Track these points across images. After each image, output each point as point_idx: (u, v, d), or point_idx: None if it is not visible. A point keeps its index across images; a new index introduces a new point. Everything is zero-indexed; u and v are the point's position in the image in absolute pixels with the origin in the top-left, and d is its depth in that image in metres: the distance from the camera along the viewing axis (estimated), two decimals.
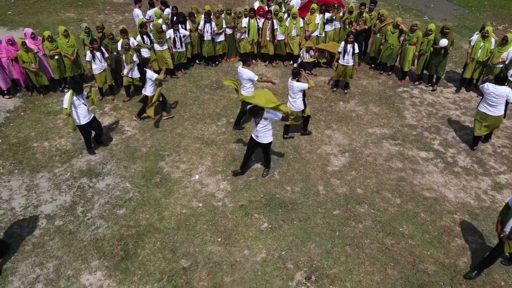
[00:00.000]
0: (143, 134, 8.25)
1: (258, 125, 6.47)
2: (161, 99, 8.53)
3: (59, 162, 7.47)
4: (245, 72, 7.63)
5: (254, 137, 6.70)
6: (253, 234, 6.00)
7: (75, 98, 6.90)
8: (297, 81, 7.27)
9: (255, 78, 7.67)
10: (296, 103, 7.42)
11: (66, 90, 9.76)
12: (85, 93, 7.13)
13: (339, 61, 9.21)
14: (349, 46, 8.91)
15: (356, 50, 9.01)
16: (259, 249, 5.78)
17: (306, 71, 10.73)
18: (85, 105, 7.07)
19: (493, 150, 7.74)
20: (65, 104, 6.84)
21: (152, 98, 8.09)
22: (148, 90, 8.14)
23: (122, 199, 6.63)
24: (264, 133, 6.55)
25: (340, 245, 5.82)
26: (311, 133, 8.16)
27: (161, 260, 5.62)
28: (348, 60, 9.04)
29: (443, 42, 8.87)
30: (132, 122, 8.64)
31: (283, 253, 5.71)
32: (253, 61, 11.24)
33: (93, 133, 7.67)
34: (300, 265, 5.54)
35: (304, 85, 7.19)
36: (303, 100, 7.45)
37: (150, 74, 7.95)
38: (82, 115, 7.11)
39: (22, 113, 8.96)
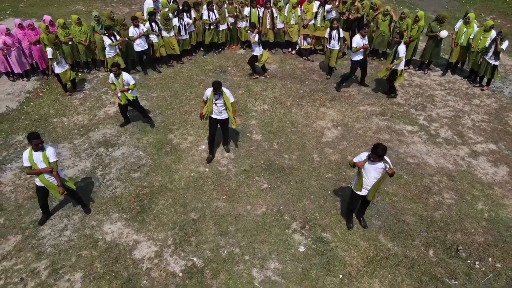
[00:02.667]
0: (153, 111, 8.99)
1: (218, 101, 6.88)
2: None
3: (77, 135, 8.22)
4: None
5: (214, 116, 7.09)
6: (254, 193, 6.75)
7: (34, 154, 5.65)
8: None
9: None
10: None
11: (80, 74, 10.53)
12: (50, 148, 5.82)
13: (327, 46, 9.96)
14: (334, 32, 9.55)
15: (341, 35, 9.66)
16: (259, 204, 6.53)
17: (303, 57, 11.49)
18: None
19: (473, 124, 8.49)
20: (26, 163, 5.63)
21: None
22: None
23: (137, 165, 7.38)
24: (222, 110, 6.99)
25: (332, 201, 6.56)
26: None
27: (173, 213, 6.37)
28: (334, 45, 9.70)
29: (444, 33, 9.56)
30: (142, 100, 9.38)
31: (281, 207, 6.46)
32: None
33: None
34: (296, 217, 6.29)
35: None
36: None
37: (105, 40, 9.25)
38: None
39: (41, 94, 9.70)
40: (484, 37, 9.26)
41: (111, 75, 7.68)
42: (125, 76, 7.75)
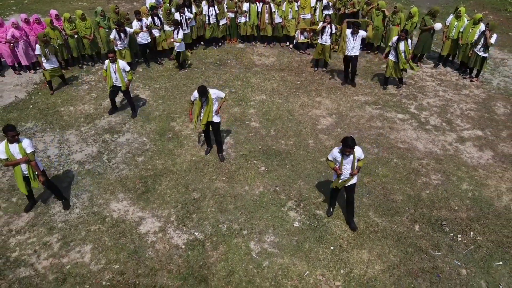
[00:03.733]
0: (156, 101, 9.39)
1: (206, 107, 6.86)
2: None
3: (84, 122, 8.61)
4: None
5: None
6: (252, 175, 7.15)
7: (11, 146, 5.71)
8: None
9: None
10: None
11: (85, 67, 10.94)
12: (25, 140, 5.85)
13: (318, 41, 10.20)
14: (326, 27, 9.81)
15: (333, 31, 9.97)
16: (257, 185, 6.92)
17: (301, 50, 11.89)
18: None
19: (461, 113, 8.89)
20: (2, 155, 5.70)
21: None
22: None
23: (141, 150, 7.78)
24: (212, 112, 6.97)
25: (325, 183, 6.96)
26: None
27: (175, 193, 6.77)
28: (326, 40, 9.98)
29: (438, 26, 9.96)
30: (145, 91, 9.79)
31: (277, 188, 6.86)
32: (253, 42, 12.38)
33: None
34: (291, 196, 6.69)
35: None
36: None
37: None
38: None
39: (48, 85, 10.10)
40: (473, 30, 9.65)
41: (107, 61, 8.15)
42: (121, 63, 8.21)
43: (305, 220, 6.23)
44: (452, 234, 5.98)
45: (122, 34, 9.84)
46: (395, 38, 9.17)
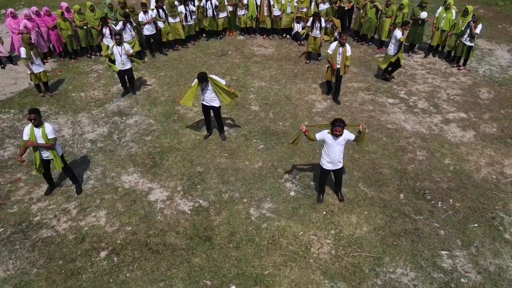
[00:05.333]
0: (161, 87, 9.99)
1: (206, 92, 7.39)
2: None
3: (94, 106, 9.21)
4: None
5: (205, 103, 7.62)
6: (252, 152, 7.74)
7: (35, 129, 6.08)
8: None
9: None
10: None
11: (93, 57, 11.53)
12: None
13: (310, 33, 10.78)
14: (316, 22, 10.47)
15: (323, 25, 10.56)
16: (256, 161, 7.52)
17: (298, 41, 12.48)
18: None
19: (448, 98, 9.49)
20: (25, 137, 6.14)
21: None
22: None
23: (148, 130, 8.37)
24: (211, 97, 7.46)
25: (319, 159, 7.52)
26: None
27: (181, 167, 7.36)
28: (316, 33, 10.64)
29: (423, 14, 10.58)
30: (151, 78, 10.39)
31: (275, 163, 7.45)
32: (252, 34, 12.97)
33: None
34: (288, 170, 7.29)
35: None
36: None
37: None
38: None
39: (59, 73, 10.70)
40: (464, 21, 10.24)
41: (112, 44, 8.79)
42: (126, 46, 8.88)
43: (300, 190, 6.83)
44: (433, 202, 6.58)
45: (128, 25, 10.43)
46: (399, 32, 9.29)
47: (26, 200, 6.63)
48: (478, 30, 9.87)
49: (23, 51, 8.77)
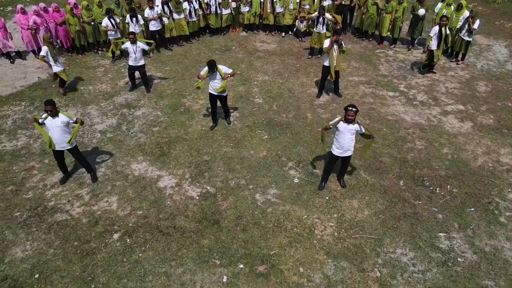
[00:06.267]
0: (167, 81, 10.25)
1: (215, 81, 7.76)
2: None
3: (103, 99, 9.47)
4: None
5: (212, 92, 7.97)
6: (257, 142, 8.01)
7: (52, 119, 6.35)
8: None
9: None
10: None
11: (100, 52, 11.80)
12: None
13: (314, 29, 10.98)
14: (321, 18, 10.58)
15: (328, 17, 10.67)
16: (261, 150, 7.78)
17: (299, 38, 12.74)
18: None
19: (446, 91, 9.75)
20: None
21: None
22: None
23: (156, 121, 8.64)
24: (219, 87, 7.77)
25: (322, 148, 7.80)
26: None
27: (188, 156, 7.63)
28: (320, 29, 10.76)
29: (421, 11, 10.87)
30: (157, 72, 10.66)
31: (279, 152, 7.72)
32: (255, 31, 13.24)
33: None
34: (291, 158, 7.55)
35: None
36: None
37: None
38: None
39: (67, 67, 10.94)
40: (457, 17, 10.51)
41: (128, 42, 9.03)
42: (139, 43, 9.09)
43: (304, 177, 7.09)
44: (431, 188, 6.84)
45: (134, 20, 10.69)
46: (436, 27, 9.74)
47: (40, 187, 6.89)
48: (476, 25, 10.14)
49: (44, 50, 8.85)
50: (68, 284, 5.26)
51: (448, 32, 9.79)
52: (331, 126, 6.35)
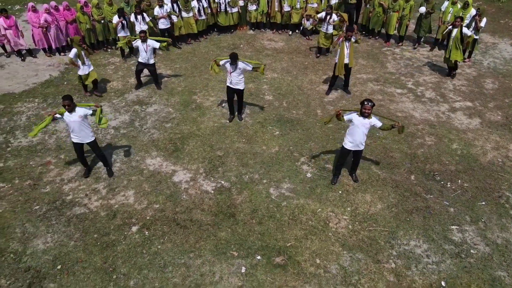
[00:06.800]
0: (177, 78, 10.36)
1: (233, 74, 7.85)
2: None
3: (115, 96, 9.59)
4: None
5: (230, 85, 8.08)
6: (269, 137, 8.12)
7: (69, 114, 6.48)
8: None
9: None
10: None
11: (109, 50, 11.91)
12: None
13: (321, 29, 10.96)
14: (328, 17, 10.59)
15: (335, 19, 10.64)
16: (273, 146, 7.90)
17: (306, 36, 12.86)
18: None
19: (454, 88, 9.87)
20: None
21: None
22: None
23: (168, 118, 8.75)
24: (237, 81, 7.97)
25: (333, 144, 7.93)
26: None
27: (202, 151, 7.74)
28: (327, 28, 10.77)
29: (421, 9, 11.02)
30: (167, 70, 10.77)
31: (291, 147, 7.83)
32: (262, 29, 13.35)
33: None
34: (303, 154, 7.67)
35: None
36: None
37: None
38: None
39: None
40: (464, 14, 10.62)
41: (138, 40, 9.15)
42: (149, 41, 9.20)
43: (316, 172, 7.21)
44: (442, 182, 6.96)
45: (139, 17, 10.78)
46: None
47: (57, 181, 7.01)
48: (482, 23, 10.25)
49: (73, 52, 8.73)
50: (90, 274, 5.38)
51: (467, 32, 9.48)
52: (343, 116, 6.34)
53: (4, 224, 6.13)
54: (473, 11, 10.55)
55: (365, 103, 6.09)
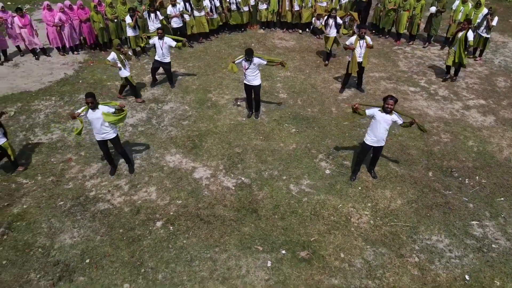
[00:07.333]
0: (191, 77, 10.44)
1: (248, 70, 7.95)
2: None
3: (130, 94, 9.67)
4: None
5: (247, 82, 8.21)
6: (285, 135, 8.20)
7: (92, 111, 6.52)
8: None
9: None
10: None
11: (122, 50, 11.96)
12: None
13: (325, 31, 10.51)
14: (331, 20, 10.27)
15: (339, 22, 10.27)
16: (290, 143, 7.98)
17: (317, 35, 12.93)
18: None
19: (466, 86, 9.95)
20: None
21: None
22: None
23: (185, 115, 8.83)
24: (253, 76, 8.06)
25: (349, 141, 8.01)
26: None
27: (220, 148, 7.82)
28: (331, 32, 10.37)
29: (432, 9, 11.10)
30: (180, 68, 10.86)
31: (308, 145, 7.91)
32: (273, 28, 13.44)
33: None
34: (321, 151, 7.75)
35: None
36: None
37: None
38: None
39: (91, 64, 11.16)
40: (476, 14, 10.71)
41: (155, 37, 9.21)
42: (166, 39, 9.26)
43: (335, 168, 7.29)
44: (460, 179, 7.04)
45: (152, 16, 10.87)
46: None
47: (79, 178, 7.09)
48: (494, 22, 10.33)
49: (112, 55, 8.64)
50: (118, 268, 5.46)
51: (470, 37, 9.19)
52: (364, 114, 6.43)
53: (30, 219, 6.21)
54: (485, 10, 10.62)
55: (388, 98, 6.16)
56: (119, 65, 8.75)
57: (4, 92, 9.63)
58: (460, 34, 9.36)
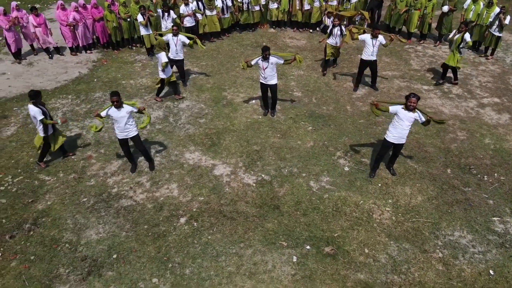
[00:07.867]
0: (205, 75, 10.50)
1: (266, 70, 7.97)
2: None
3: (145, 92, 9.73)
4: None
5: (263, 81, 8.26)
6: (302, 133, 8.26)
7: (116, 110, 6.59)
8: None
9: None
10: None
11: (134, 48, 12.05)
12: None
13: (328, 41, 10.05)
14: (335, 29, 9.81)
15: (344, 32, 9.74)
16: (308, 140, 8.03)
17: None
18: None
19: (480, 84, 10.00)
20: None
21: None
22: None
23: (201, 114, 8.89)
24: (270, 76, 8.12)
25: (366, 138, 8.07)
26: None
27: (238, 146, 7.88)
28: (336, 41, 9.95)
29: (445, 8, 11.16)
30: (194, 67, 10.91)
31: (325, 142, 7.97)
32: (283, 27, 13.50)
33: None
34: (339, 148, 7.80)
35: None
36: None
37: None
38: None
39: (105, 62, 11.22)
40: (488, 13, 10.76)
41: (169, 34, 9.24)
42: (180, 36, 9.32)
43: (353, 165, 7.35)
44: (479, 176, 7.09)
45: (166, 15, 10.93)
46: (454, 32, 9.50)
47: (101, 175, 7.15)
48: (507, 21, 10.39)
49: (163, 56, 8.56)
50: (145, 263, 5.52)
51: (467, 38, 9.05)
52: (388, 110, 6.46)
53: (55, 215, 6.27)
54: (497, 9, 10.68)
55: (411, 96, 6.21)
56: (160, 67, 8.71)
57: (20, 90, 9.70)
58: (457, 36, 9.26)
